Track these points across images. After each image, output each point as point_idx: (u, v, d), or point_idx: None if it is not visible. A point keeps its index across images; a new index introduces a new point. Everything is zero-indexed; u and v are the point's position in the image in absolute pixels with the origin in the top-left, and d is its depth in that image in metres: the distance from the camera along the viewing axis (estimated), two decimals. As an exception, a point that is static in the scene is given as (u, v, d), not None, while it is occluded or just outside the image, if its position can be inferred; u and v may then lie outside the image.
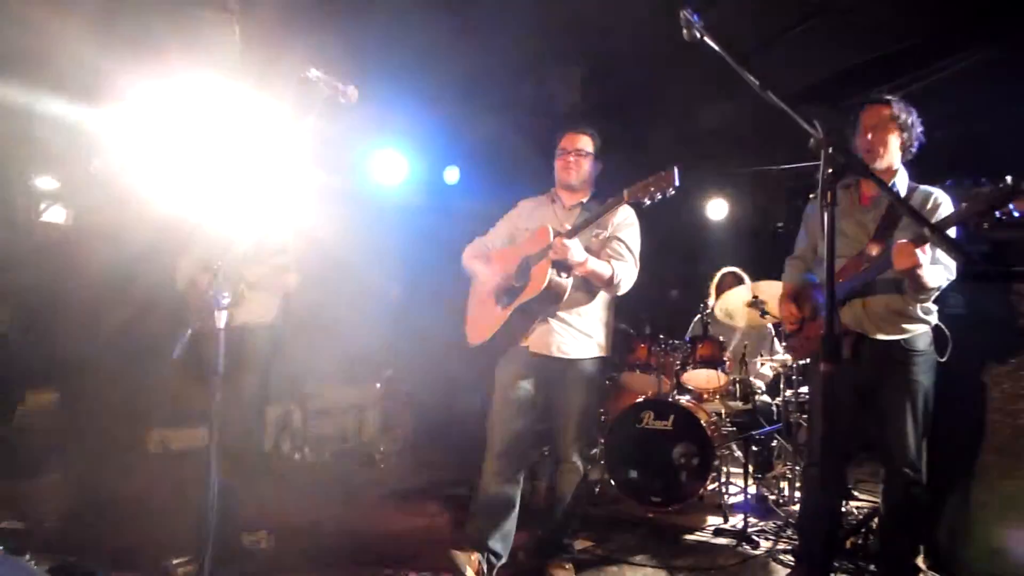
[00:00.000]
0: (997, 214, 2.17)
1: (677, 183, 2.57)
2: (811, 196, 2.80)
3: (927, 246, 2.44)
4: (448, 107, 5.87)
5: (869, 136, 2.72)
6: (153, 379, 4.81)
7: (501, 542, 3.04)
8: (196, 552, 2.99)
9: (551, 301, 2.93)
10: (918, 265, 2.44)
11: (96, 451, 4.60)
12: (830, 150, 1.54)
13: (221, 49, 4.73)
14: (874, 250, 2.67)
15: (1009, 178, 2.15)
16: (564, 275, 2.90)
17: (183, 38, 4.35)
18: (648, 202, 2.67)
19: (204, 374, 3.67)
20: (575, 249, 2.76)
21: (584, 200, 3.15)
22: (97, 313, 4.74)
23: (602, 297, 3.11)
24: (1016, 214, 2.16)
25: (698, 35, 1.88)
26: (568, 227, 2.96)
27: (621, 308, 3.33)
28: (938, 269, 2.59)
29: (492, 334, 3.08)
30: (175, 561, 3.00)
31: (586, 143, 3.13)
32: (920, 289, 2.57)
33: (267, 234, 3.64)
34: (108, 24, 3.79)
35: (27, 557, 2.89)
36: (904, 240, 2.48)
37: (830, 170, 1.53)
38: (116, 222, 4.51)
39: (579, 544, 3.46)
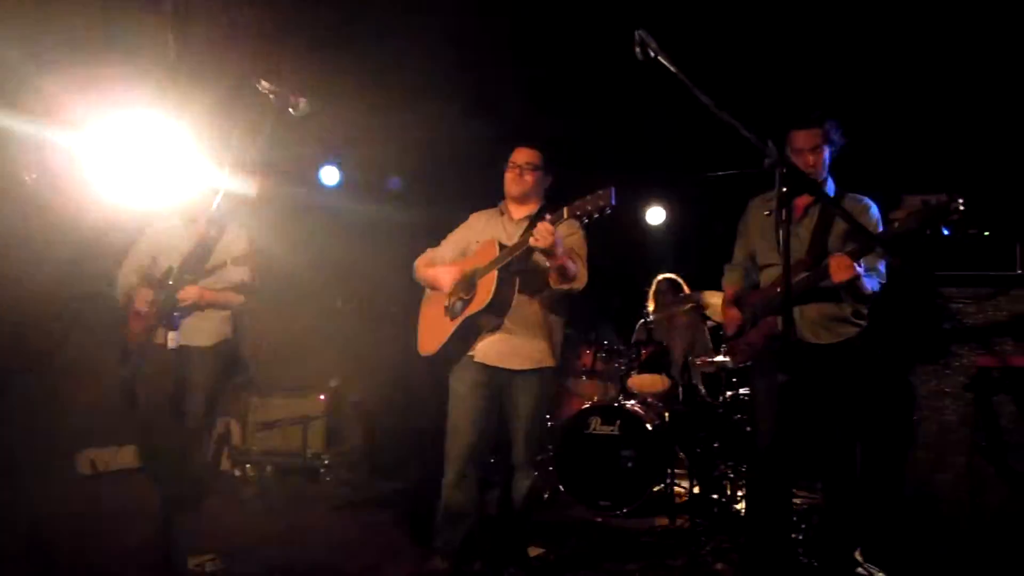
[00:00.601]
0: (928, 231, 2.32)
1: (613, 202, 2.66)
2: (767, 212, 2.91)
3: (860, 262, 2.59)
4: (390, 114, 5.84)
5: (809, 159, 2.86)
6: (83, 397, 4.62)
7: (467, 549, 3.14)
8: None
9: (497, 313, 2.98)
10: (856, 276, 2.58)
11: (22, 475, 4.39)
12: (784, 170, 1.62)
13: (154, 55, 4.58)
14: (809, 259, 2.80)
15: (941, 196, 2.30)
16: (513, 279, 2.97)
17: (114, 43, 4.20)
18: (587, 220, 2.76)
19: (140, 393, 3.58)
20: (558, 236, 2.80)
21: (531, 214, 3.20)
22: (22, 329, 4.51)
23: (550, 308, 3.16)
24: (945, 232, 2.31)
25: (652, 55, 1.93)
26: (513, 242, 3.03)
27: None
28: (872, 277, 2.74)
29: (441, 345, 3.13)
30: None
31: (535, 157, 3.20)
32: (859, 298, 2.72)
33: (210, 244, 3.57)
34: (35, 28, 3.63)
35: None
36: (840, 253, 2.62)
37: (784, 188, 1.61)
38: (42, 236, 4.32)
39: (532, 552, 3.48)
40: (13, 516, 3.80)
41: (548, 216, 2.79)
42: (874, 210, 2.90)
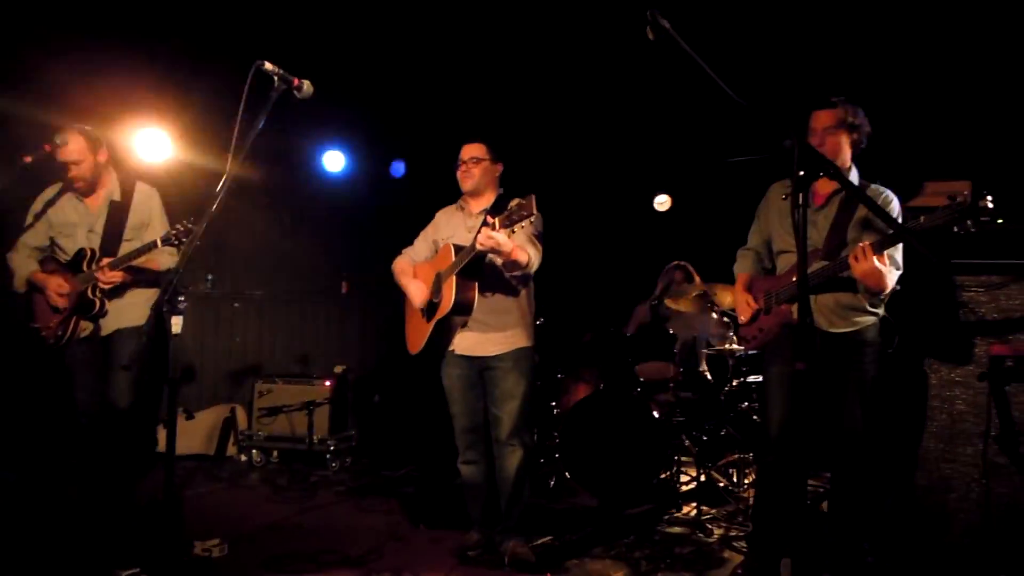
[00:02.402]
0: (955, 229, 2.27)
1: (535, 210, 2.77)
2: (784, 196, 2.85)
3: (884, 252, 2.54)
4: (396, 99, 5.81)
5: (821, 140, 2.81)
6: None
7: (489, 515, 3.43)
8: (144, 563, 2.90)
9: (463, 312, 3.20)
10: (878, 271, 2.55)
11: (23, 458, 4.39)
12: (799, 150, 1.58)
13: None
14: (828, 248, 2.75)
15: (966, 192, 2.25)
16: (471, 279, 3.16)
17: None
18: (514, 229, 2.86)
19: (71, 385, 3.44)
20: (500, 239, 2.92)
21: (488, 207, 3.36)
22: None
23: (514, 293, 3.33)
24: (973, 230, 2.26)
25: (664, 35, 1.88)
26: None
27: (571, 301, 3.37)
28: (892, 271, 2.70)
29: (423, 345, 3.35)
30: (123, 573, 2.88)
31: (478, 150, 3.37)
32: (878, 292, 2.68)
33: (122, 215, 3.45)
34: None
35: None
36: (863, 246, 2.57)
37: (802, 171, 1.57)
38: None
39: (539, 540, 3.50)
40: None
41: (488, 220, 2.95)
42: (896, 203, 2.85)
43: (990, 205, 2.28)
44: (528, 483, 3.35)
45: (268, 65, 2.30)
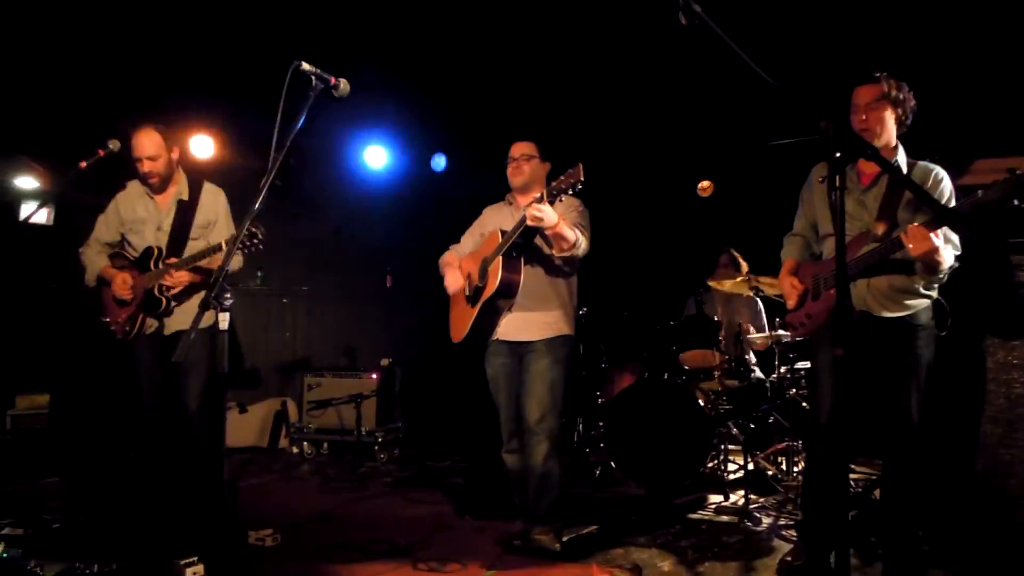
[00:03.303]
0: (1015, 202, 2.18)
1: (583, 177, 2.83)
2: (821, 179, 2.78)
3: (939, 229, 2.45)
4: (437, 93, 5.83)
5: (864, 116, 2.71)
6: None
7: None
8: (202, 552, 2.99)
9: (508, 294, 3.25)
10: (934, 249, 2.46)
11: (90, 451, 4.59)
12: (835, 130, 1.54)
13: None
14: (879, 229, 2.67)
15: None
16: (517, 260, 3.22)
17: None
18: (561, 199, 2.96)
19: (137, 380, 3.50)
20: (547, 212, 2.96)
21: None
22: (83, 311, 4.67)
23: (559, 278, 3.36)
24: None
25: (696, 21, 1.86)
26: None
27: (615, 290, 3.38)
28: (948, 249, 2.60)
29: (467, 331, 3.38)
30: (182, 562, 2.98)
31: (529, 148, 3.44)
32: (935, 271, 2.59)
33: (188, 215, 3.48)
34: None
35: (31, 564, 2.88)
36: (916, 224, 2.48)
37: (838, 153, 1.53)
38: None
39: (584, 530, 3.51)
40: (87, 489, 3.97)
41: (537, 197, 3.01)
42: (947, 181, 2.73)
43: None
44: (557, 472, 3.30)
45: (305, 65, 2.34)
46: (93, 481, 4.20)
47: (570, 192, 2.90)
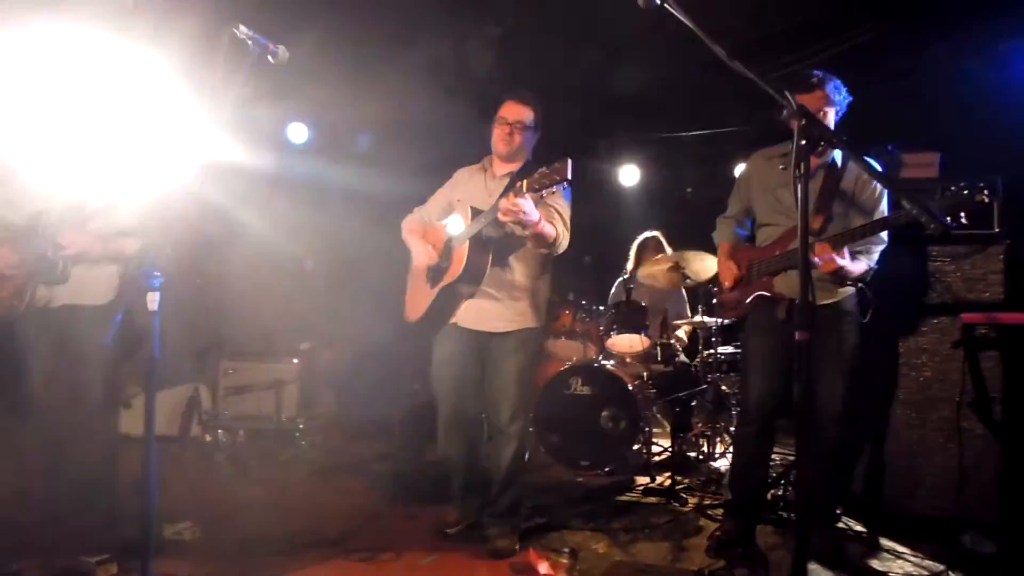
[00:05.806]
0: (949, 220, 2.32)
1: (570, 175, 2.53)
2: (781, 167, 2.84)
3: (845, 248, 2.63)
4: (359, 70, 5.63)
5: None
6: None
7: (470, 493, 3.26)
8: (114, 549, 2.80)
9: (472, 281, 2.98)
10: (839, 268, 2.64)
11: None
12: (803, 121, 1.57)
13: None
14: (816, 224, 2.77)
15: (959, 185, 2.29)
16: (486, 247, 2.93)
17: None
18: (544, 194, 2.64)
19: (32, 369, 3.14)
20: (528, 209, 2.66)
21: (515, 170, 3.10)
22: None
23: (530, 270, 3.11)
24: (964, 221, 2.31)
25: (657, 2, 1.85)
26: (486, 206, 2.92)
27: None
28: (859, 262, 2.75)
29: (424, 311, 3.13)
30: (93, 560, 2.78)
31: (527, 116, 3.05)
32: (845, 282, 2.75)
33: (87, 191, 2.98)
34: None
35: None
36: (821, 242, 2.61)
37: (803, 141, 1.56)
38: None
39: (524, 524, 3.47)
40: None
41: (515, 187, 2.69)
42: (880, 188, 2.83)
43: (986, 199, 2.34)
44: (521, 470, 3.21)
45: (243, 29, 2.19)
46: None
47: (554, 190, 2.61)
